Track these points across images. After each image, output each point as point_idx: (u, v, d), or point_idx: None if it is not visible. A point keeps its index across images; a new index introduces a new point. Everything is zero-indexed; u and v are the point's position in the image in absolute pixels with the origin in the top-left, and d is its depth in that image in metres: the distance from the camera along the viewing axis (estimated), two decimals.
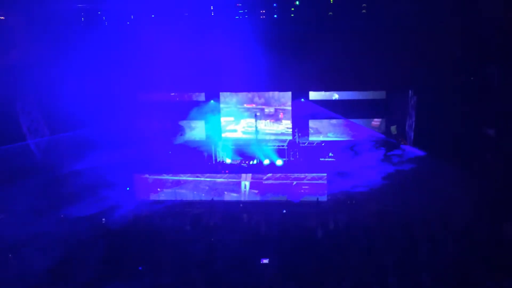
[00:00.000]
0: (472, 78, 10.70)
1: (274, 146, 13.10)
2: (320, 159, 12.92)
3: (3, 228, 9.08)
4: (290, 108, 13.34)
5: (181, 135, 13.39)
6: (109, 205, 10.41)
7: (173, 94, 13.71)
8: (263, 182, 11.74)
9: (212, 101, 13.62)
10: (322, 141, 13.38)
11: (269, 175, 11.81)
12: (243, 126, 13.65)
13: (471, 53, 10.14)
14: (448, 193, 9.74)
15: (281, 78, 11.55)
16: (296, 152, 13.08)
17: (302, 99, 13.31)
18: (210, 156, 13.21)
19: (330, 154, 12.82)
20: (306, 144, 13.30)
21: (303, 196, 11.47)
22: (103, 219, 9.93)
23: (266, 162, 12.60)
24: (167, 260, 7.76)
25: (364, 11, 10.65)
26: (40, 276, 7.01)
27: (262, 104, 13.53)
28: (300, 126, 13.34)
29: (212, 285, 7.07)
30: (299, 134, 13.21)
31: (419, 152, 11.71)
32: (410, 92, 12.20)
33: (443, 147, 10.81)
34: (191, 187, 11.94)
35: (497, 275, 6.84)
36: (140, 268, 7.39)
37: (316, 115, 13.37)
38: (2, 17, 11.00)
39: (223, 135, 13.68)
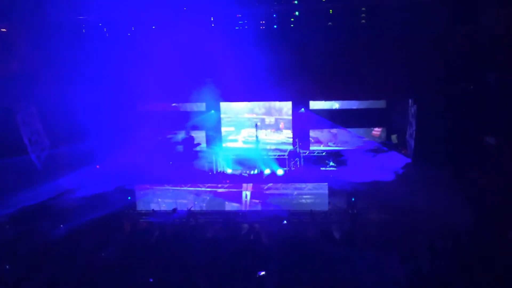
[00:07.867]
0: (471, 87, 10.72)
1: (274, 155, 13.09)
2: (321, 168, 12.89)
3: None
4: (290, 117, 13.39)
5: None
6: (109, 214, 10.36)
7: (174, 104, 13.79)
8: (264, 192, 11.70)
9: (212, 111, 13.66)
10: (323, 151, 13.40)
11: (270, 184, 11.77)
12: (244, 136, 13.68)
13: (471, 61, 10.18)
14: (448, 202, 9.69)
15: (281, 88, 11.59)
16: (297, 162, 13.06)
17: (302, 109, 13.36)
18: (211, 166, 13.19)
19: (331, 164, 12.79)
20: (306, 153, 13.30)
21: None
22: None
23: (267, 171, 12.57)
24: (169, 270, 7.68)
25: (363, 21, 10.71)
26: None
27: (262, 114, 13.56)
28: (300, 135, 13.36)
29: None
30: (300, 144, 13.21)
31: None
32: (410, 101, 12.22)
33: (444, 155, 10.79)
34: (191, 197, 11.89)
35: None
36: (151, 280, 7.26)
37: (316, 125, 13.42)
38: (4, 29, 11.10)
39: (224, 145, 13.68)
